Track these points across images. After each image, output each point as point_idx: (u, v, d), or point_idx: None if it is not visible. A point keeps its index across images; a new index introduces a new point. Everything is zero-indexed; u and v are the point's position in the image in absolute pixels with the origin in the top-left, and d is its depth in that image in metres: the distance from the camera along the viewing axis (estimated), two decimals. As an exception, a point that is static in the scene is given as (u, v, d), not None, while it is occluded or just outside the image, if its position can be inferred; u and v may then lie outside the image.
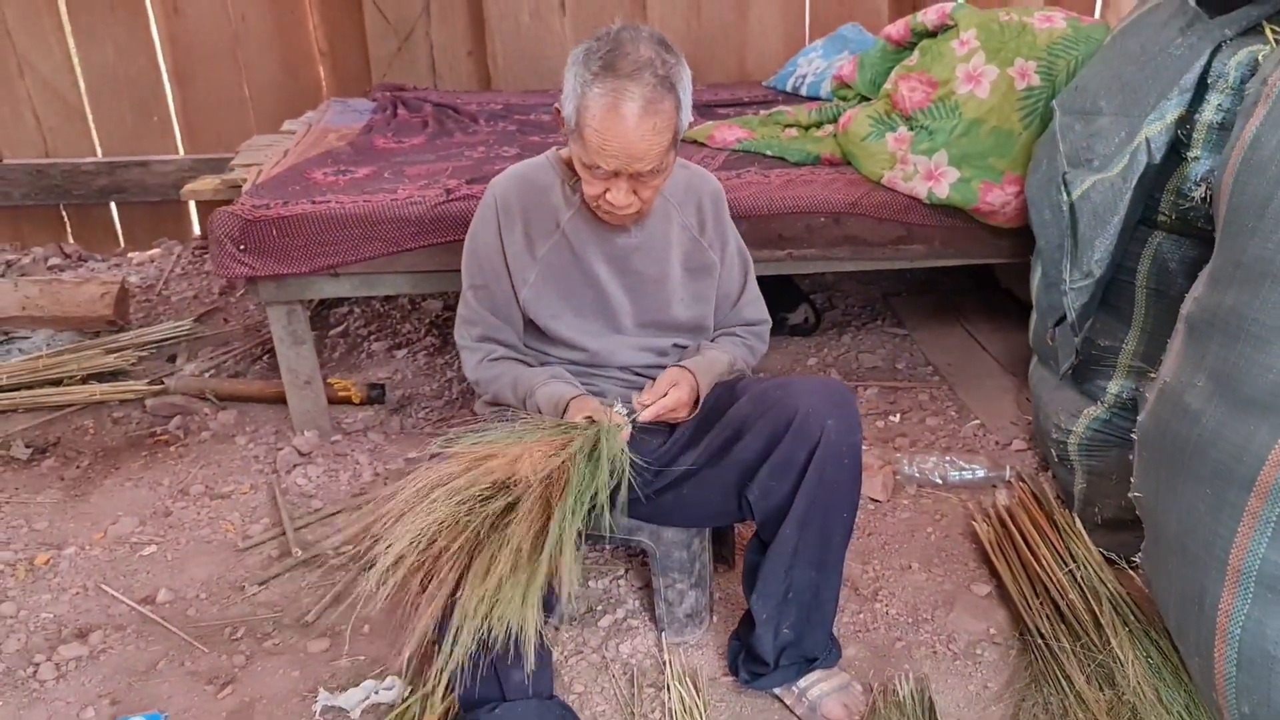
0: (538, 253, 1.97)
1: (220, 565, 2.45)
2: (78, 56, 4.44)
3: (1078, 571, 2.16)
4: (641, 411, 1.87)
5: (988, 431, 2.94)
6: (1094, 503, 2.39)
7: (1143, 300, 2.29)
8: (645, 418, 1.87)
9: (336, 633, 2.21)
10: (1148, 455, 1.83)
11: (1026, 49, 2.76)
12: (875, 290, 4.02)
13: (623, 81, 1.71)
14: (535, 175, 2.00)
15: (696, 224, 2.07)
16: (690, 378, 1.93)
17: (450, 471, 1.69)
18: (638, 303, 2.04)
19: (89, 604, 2.32)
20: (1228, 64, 2.04)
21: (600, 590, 2.33)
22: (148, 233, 4.73)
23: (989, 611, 2.24)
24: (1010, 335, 3.48)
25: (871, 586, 2.33)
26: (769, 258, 2.86)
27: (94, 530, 2.58)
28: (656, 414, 1.88)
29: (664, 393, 1.90)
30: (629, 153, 1.74)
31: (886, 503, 2.65)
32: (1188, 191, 2.13)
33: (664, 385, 1.91)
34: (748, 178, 2.94)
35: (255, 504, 2.70)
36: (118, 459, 2.91)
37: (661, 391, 1.90)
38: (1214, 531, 1.57)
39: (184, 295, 4.11)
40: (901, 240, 2.90)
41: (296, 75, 4.59)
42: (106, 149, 4.58)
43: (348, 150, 3.28)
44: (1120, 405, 2.34)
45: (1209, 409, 1.60)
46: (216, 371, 3.42)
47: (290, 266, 2.70)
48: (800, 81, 4.01)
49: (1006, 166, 2.75)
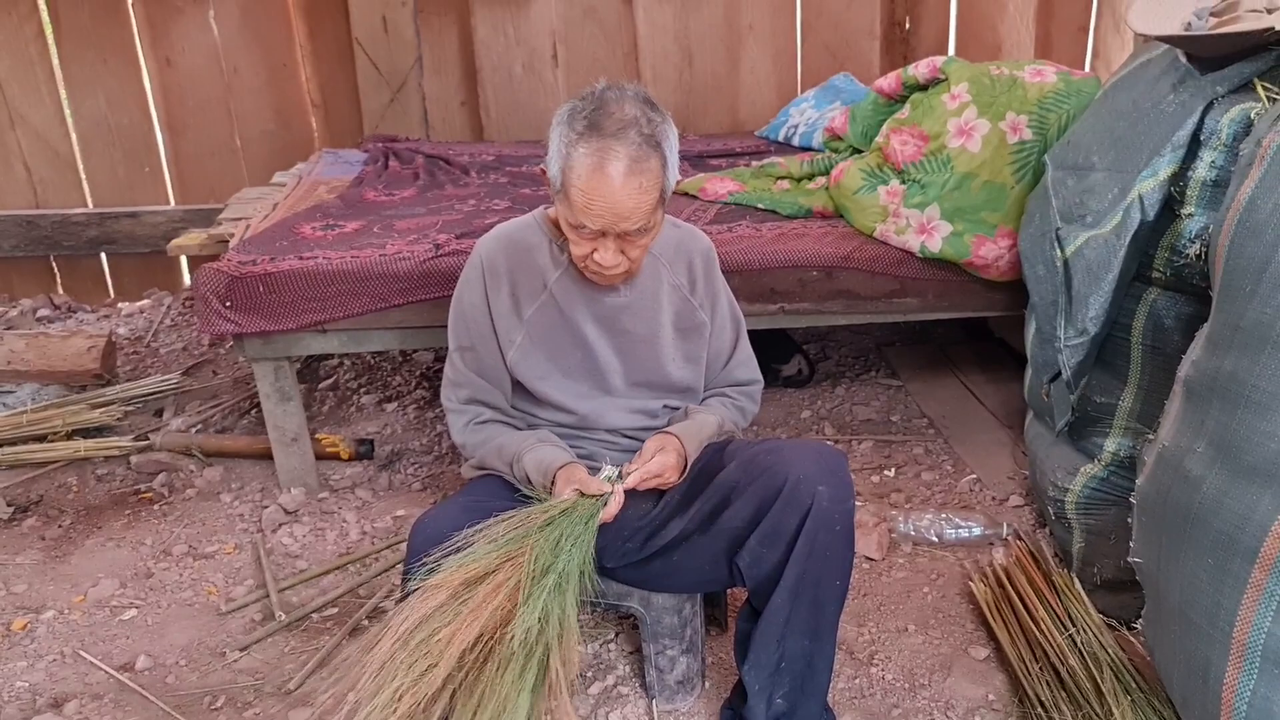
0: (524, 314, 1.95)
1: (201, 630, 2.39)
2: (69, 107, 4.44)
3: (1078, 636, 2.11)
4: (626, 479, 1.83)
5: (984, 486, 2.90)
6: (1093, 563, 2.34)
7: (1138, 357, 2.26)
8: (629, 484, 1.82)
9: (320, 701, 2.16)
10: (1147, 520, 1.79)
11: (1018, 103, 2.76)
12: (869, 341, 3.99)
13: (608, 141, 1.69)
14: (522, 235, 1.97)
15: (687, 283, 2.04)
16: (676, 443, 1.89)
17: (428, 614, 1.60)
18: (628, 363, 2.01)
19: (66, 671, 2.26)
20: (1220, 121, 2.02)
21: (589, 655, 2.28)
22: (138, 284, 4.70)
23: (987, 676, 2.19)
24: (1005, 386, 3.45)
25: (867, 650, 2.28)
26: (761, 312, 2.83)
27: (74, 593, 2.53)
28: (641, 480, 1.84)
29: (649, 458, 1.86)
30: (615, 212, 1.72)
31: (882, 561, 2.60)
32: (1182, 248, 2.11)
33: (649, 451, 1.87)
34: (740, 231, 2.92)
35: (239, 564, 2.64)
36: (100, 518, 2.86)
37: (647, 458, 1.86)
38: (1217, 603, 1.53)
39: (173, 347, 4.08)
40: (895, 294, 2.88)
41: (289, 126, 4.59)
42: (97, 199, 4.57)
43: (337, 203, 3.27)
44: (1118, 463, 2.30)
45: (1210, 476, 1.57)
46: (204, 426, 3.38)
47: (277, 323, 2.67)
48: (792, 131, 4.01)
49: (999, 221, 2.74)
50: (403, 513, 2.85)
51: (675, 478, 1.89)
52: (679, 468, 1.89)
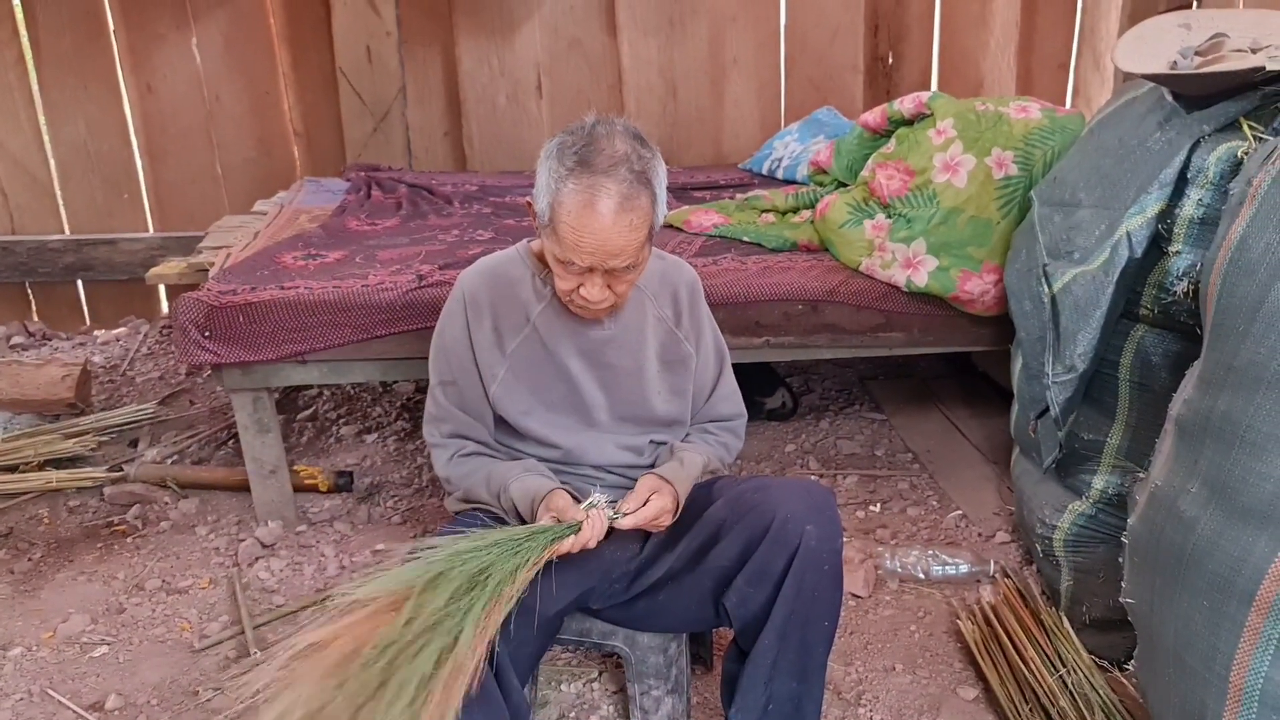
0: (507, 348, 1.91)
1: (174, 667, 2.33)
2: (48, 133, 4.40)
3: (1068, 676, 2.08)
4: (621, 519, 1.79)
5: (970, 523, 2.88)
6: (1082, 601, 2.32)
7: (1126, 394, 2.25)
8: (626, 525, 1.78)
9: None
10: (1139, 561, 1.77)
11: (1003, 139, 2.76)
12: (852, 374, 3.98)
13: (598, 178, 1.67)
14: (505, 268, 1.95)
15: (672, 315, 2.02)
16: (670, 488, 1.85)
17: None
18: (613, 397, 1.98)
19: (33, 711, 2.19)
20: (1207, 159, 2.02)
21: (573, 695, 2.24)
22: (114, 311, 4.64)
23: (977, 717, 2.15)
24: (989, 421, 3.44)
25: (854, 690, 2.25)
26: (746, 345, 2.81)
27: (43, 629, 2.47)
28: (638, 524, 1.80)
29: (644, 501, 1.82)
30: (605, 249, 1.70)
31: (868, 598, 2.57)
32: (1170, 286, 2.10)
33: (643, 493, 1.83)
34: (724, 264, 2.90)
35: (214, 600, 2.59)
36: (72, 551, 2.80)
37: (642, 500, 1.82)
38: (1213, 646, 1.50)
39: (149, 376, 4.02)
40: (880, 328, 2.87)
41: (270, 154, 4.57)
42: (75, 226, 4.52)
43: (319, 233, 3.23)
44: (1106, 501, 2.29)
45: (1204, 517, 1.55)
46: (179, 457, 3.32)
47: (256, 353, 2.63)
48: (776, 164, 4.01)
49: (985, 256, 2.73)
50: (383, 546, 2.81)
51: (669, 521, 1.86)
52: (674, 512, 1.85)
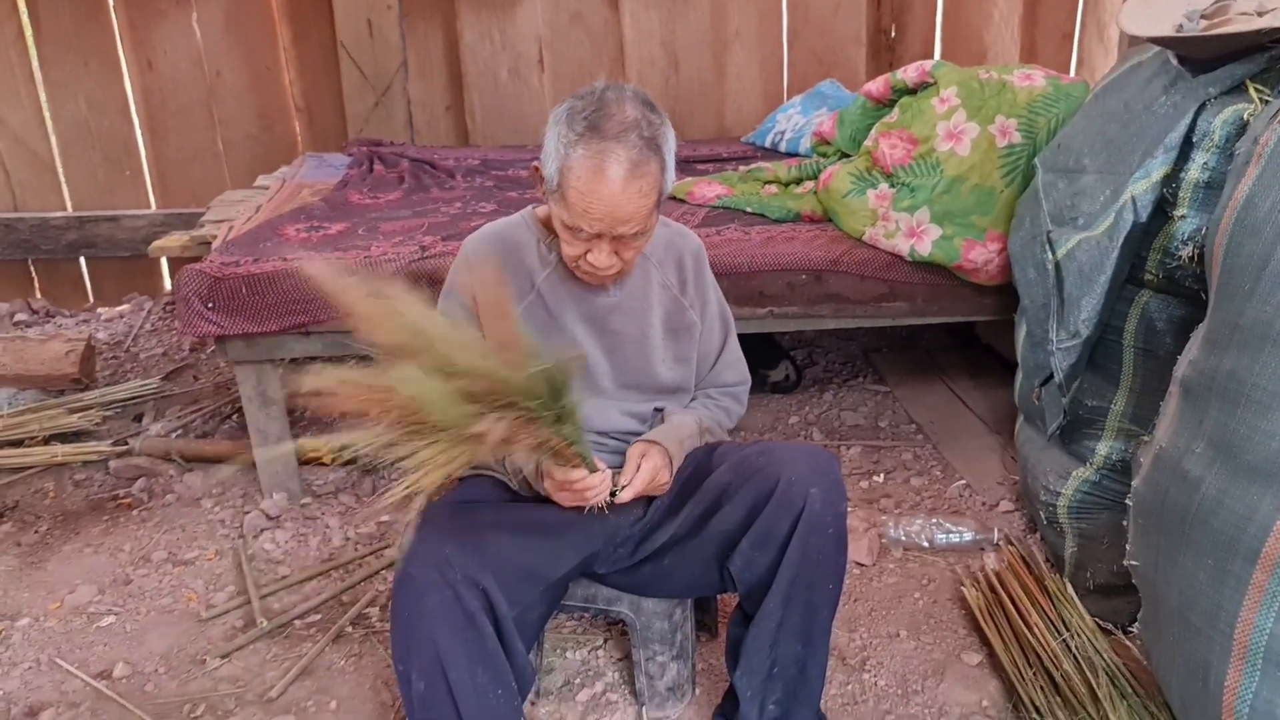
0: (511, 313, 1.91)
1: (181, 637, 2.34)
2: (49, 109, 4.38)
3: (1072, 640, 2.09)
4: (621, 492, 1.78)
5: (974, 492, 2.88)
6: (1085, 567, 2.33)
7: (1130, 360, 2.25)
8: (626, 497, 1.78)
9: (302, 709, 2.11)
10: (1144, 523, 1.77)
11: (1007, 106, 2.75)
12: (855, 347, 3.98)
13: (608, 144, 1.66)
14: (510, 234, 1.94)
15: (677, 282, 2.01)
16: (658, 447, 1.85)
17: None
18: (617, 364, 1.97)
19: (41, 680, 2.21)
20: (1213, 123, 2.01)
21: (578, 662, 2.25)
22: (117, 288, 4.64)
23: (981, 682, 2.16)
24: (993, 392, 3.44)
25: (859, 655, 2.26)
26: (750, 316, 2.81)
27: (50, 600, 2.48)
28: (637, 492, 1.79)
29: (636, 467, 1.81)
30: (614, 216, 1.69)
31: (872, 566, 2.58)
32: (1175, 250, 2.09)
33: (634, 460, 1.82)
34: (728, 234, 2.90)
35: (220, 571, 2.60)
36: (78, 523, 2.81)
37: (634, 468, 1.81)
38: (1217, 604, 1.51)
39: (153, 352, 4.02)
40: (884, 298, 2.86)
41: (272, 130, 4.55)
42: (77, 203, 4.51)
43: (322, 206, 3.23)
44: (1110, 467, 2.29)
45: (1209, 476, 1.55)
46: (184, 431, 3.33)
47: (260, 325, 2.63)
48: (779, 137, 4.00)
49: (989, 224, 2.73)
50: (387, 518, 2.81)
51: (667, 479, 1.85)
52: (667, 468, 1.85)
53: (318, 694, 2.15)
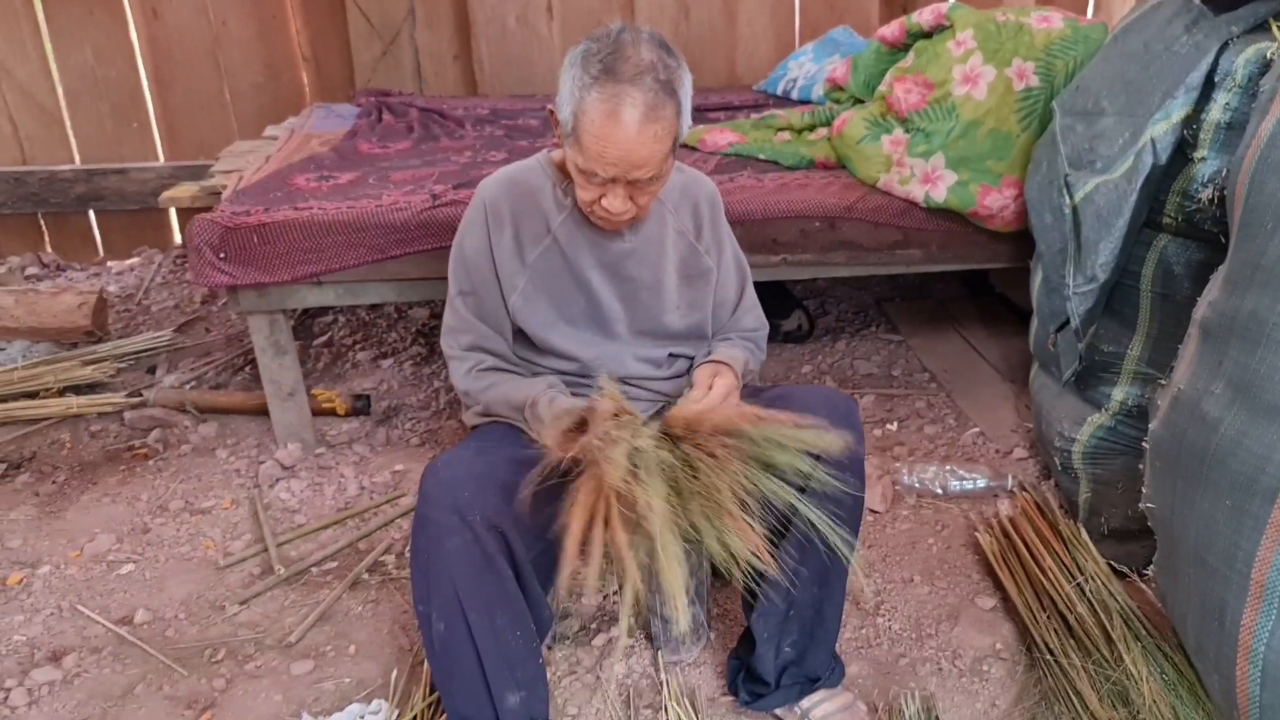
0: (528, 258, 1.90)
1: (200, 584, 2.37)
2: (55, 61, 4.35)
3: (1085, 584, 2.10)
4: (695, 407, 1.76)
5: (987, 439, 2.88)
6: (1100, 512, 2.33)
7: (1147, 305, 2.23)
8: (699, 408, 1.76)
9: (321, 653, 2.14)
10: (1161, 465, 1.77)
11: (1024, 49, 2.71)
12: (868, 296, 3.96)
13: (624, 87, 1.64)
14: (526, 178, 1.93)
15: (693, 228, 1.99)
16: (728, 368, 1.86)
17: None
18: (632, 310, 1.96)
19: (63, 625, 2.23)
20: (1235, 62, 1.98)
21: (594, 607, 2.26)
22: (127, 241, 4.63)
23: (994, 626, 2.17)
24: (1007, 341, 3.43)
25: (873, 600, 2.27)
26: (763, 263, 2.80)
27: (69, 548, 2.50)
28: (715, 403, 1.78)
29: (708, 386, 1.81)
30: (629, 160, 1.67)
31: (886, 514, 2.58)
32: (1194, 193, 2.07)
33: (706, 380, 1.83)
34: (741, 181, 2.87)
35: (236, 519, 2.61)
36: (95, 474, 2.83)
37: (706, 386, 1.81)
38: (1235, 544, 1.51)
39: (164, 305, 4.03)
40: (898, 245, 2.84)
41: (279, 80, 4.52)
42: (85, 155, 4.49)
43: (331, 155, 3.21)
44: (1126, 412, 2.28)
45: (1228, 417, 1.54)
46: (197, 383, 3.34)
47: (272, 275, 2.62)
48: (791, 85, 3.96)
49: (1005, 169, 2.70)
50: (401, 467, 2.82)
51: (739, 399, 1.85)
52: (737, 389, 1.86)
53: (336, 639, 2.18)
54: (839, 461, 1.74)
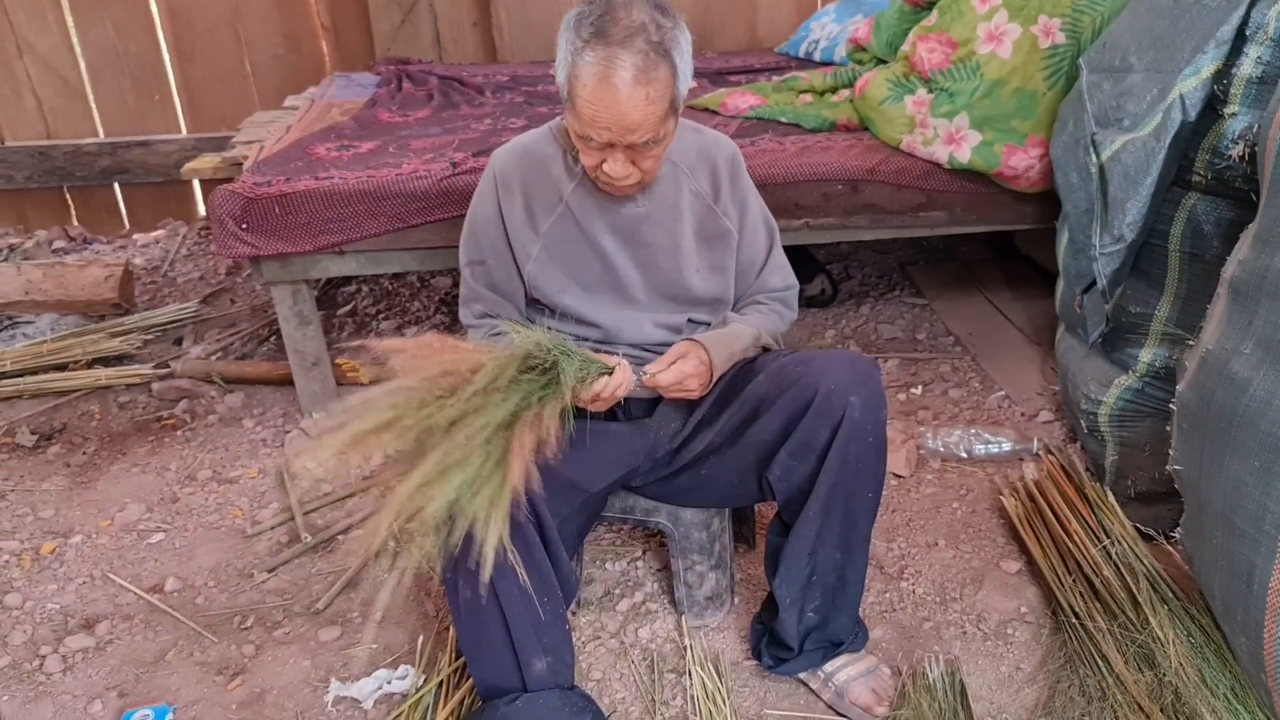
0: (540, 227, 1.89)
1: (229, 552, 2.39)
2: (77, 34, 4.36)
3: (1112, 547, 2.08)
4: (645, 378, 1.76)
5: (1013, 403, 2.86)
6: (1126, 475, 2.31)
7: (1176, 265, 2.20)
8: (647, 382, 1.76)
9: (348, 620, 2.16)
10: (1189, 426, 1.74)
11: (1050, 6, 2.65)
12: (891, 260, 3.93)
13: (614, 49, 1.62)
14: (536, 147, 1.91)
15: (710, 190, 1.97)
16: (700, 351, 1.81)
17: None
18: (649, 275, 1.94)
19: (96, 594, 2.27)
20: (1268, 14, 1.94)
21: (618, 573, 2.27)
22: (152, 214, 4.66)
23: (1019, 589, 2.17)
24: (1032, 304, 3.39)
25: (897, 565, 2.27)
26: (786, 227, 2.77)
27: (100, 518, 2.53)
28: (660, 385, 1.77)
29: (671, 363, 1.79)
30: (622, 124, 1.65)
31: (910, 478, 2.57)
32: (1224, 150, 2.03)
33: (672, 356, 1.81)
34: (762, 145, 2.85)
35: (263, 488, 2.64)
36: (124, 444, 2.86)
37: (669, 362, 1.79)
38: (1263, 506, 1.49)
39: (190, 276, 4.05)
40: (921, 207, 2.81)
41: (299, 50, 4.51)
42: (108, 129, 4.51)
43: (351, 125, 3.21)
44: (1153, 374, 2.26)
45: (1257, 378, 1.52)
46: (223, 354, 3.36)
47: (294, 245, 2.63)
48: (813, 47, 3.91)
49: (1030, 129, 2.66)
50: (425, 437, 2.83)
51: (696, 387, 1.82)
52: (701, 377, 1.81)
53: (363, 606, 2.20)
54: (861, 425, 1.73)
